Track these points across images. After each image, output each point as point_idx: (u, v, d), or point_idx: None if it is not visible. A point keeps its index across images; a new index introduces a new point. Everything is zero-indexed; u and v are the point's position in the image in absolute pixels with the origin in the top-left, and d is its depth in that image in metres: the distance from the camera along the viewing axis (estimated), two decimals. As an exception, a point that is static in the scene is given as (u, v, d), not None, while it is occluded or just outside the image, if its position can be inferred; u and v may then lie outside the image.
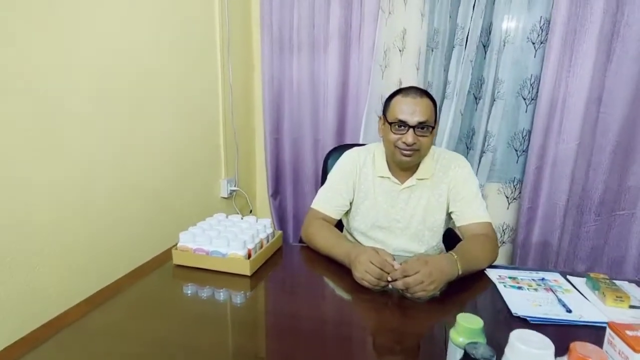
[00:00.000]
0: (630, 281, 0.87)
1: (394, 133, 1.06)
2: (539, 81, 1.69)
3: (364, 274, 0.85)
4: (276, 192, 2.23)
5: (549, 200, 1.75)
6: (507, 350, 0.46)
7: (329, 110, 1.99)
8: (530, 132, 1.75)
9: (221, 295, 0.87)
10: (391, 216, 1.16)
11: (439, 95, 1.80)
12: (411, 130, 1.03)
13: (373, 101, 1.89)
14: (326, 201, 1.19)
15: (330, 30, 1.89)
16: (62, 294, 1.07)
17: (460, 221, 1.10)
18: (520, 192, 1.84)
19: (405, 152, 1.06)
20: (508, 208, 1.91)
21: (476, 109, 1.80)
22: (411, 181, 1.14)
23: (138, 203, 1.36)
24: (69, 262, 1.10)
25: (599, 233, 1.79)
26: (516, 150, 1.82)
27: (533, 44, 1.70)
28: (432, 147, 1.15)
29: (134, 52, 1.30)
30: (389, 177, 1.16)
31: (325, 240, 1.06)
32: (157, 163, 1.45)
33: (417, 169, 1.14)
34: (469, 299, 0.85)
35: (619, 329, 0.46)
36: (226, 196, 1.94)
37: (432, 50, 1.77)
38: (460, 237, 1.11)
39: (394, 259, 0.86)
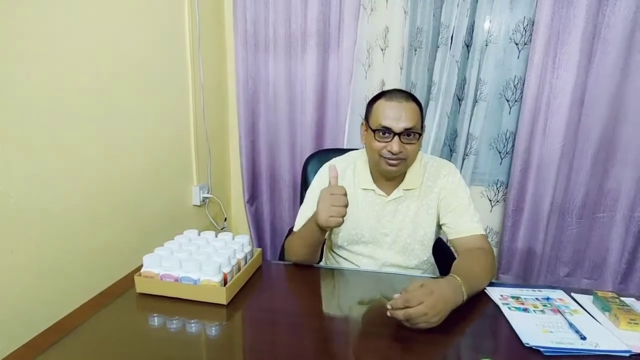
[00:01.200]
0: (638, 297, 0.82)
1: (378, 141, 0.97)
2: (523, 82, 1.65)
3: (330, 208, 0.86)
4: (252, 198, 2.11)
5: (534, 202, 1.72)
6: None
7: (307, 113, 1.89)
8: (514, 133, 1.72)
9: (193, 329, 0.75)
10: (378, 230, 1.07)
11: (424, 96, 1.74)
12: (397, 137, 0.94)
13: (356, 103, 1.81)
14: (305, 220, 1.06)
15: (308, 27, 1.79)
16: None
17: (453, 234, 1.02)
18: (504, 195, 1.81)
19: (390, 161, 0.97)
20: (491, 211, 1.87)
21: (459, 111, 1.75)
22: (398, 192, 1.05)
23: (99, 214, 1.20)
24: (9, 291, 0.94)
25: (581, 236, 1.78)
26: (499, 152, 1.79)
27: (516, 44, 1.66)
28: (419, 153, 1.07)
29: (96, 51, 1.15)
30: (373, 190, 1.06)
31: (298, 233, 1.03)
32: (122, 169, 1.30)
33: (403, 178, 1.06)
34: (473, 326, 0.77)
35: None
36: (199, 204, 1.81)
37: (416, 50, 1.70)
38: (453, 249, 1.03)
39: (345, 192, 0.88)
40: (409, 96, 0.98)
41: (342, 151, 1.50)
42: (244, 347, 0.73)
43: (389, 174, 1.02)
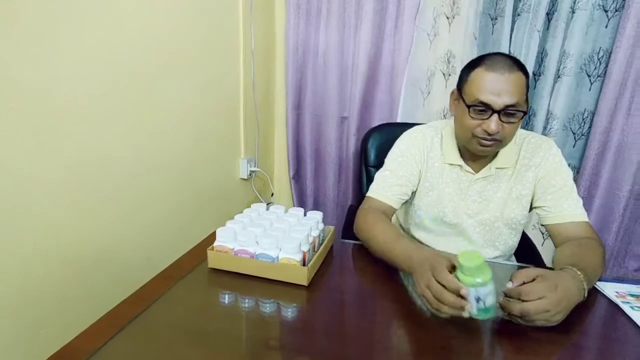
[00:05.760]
0: None
1: (473, 118, 0.84)
2: (609, 55, 1.48)
3: (424, 290, 0.63)
4: (297, 173, 2.04)
5: (609, 189, 1.58)
6: None
7: (357, 84, 1.77)
8: (592, 113, 1.56)
9: (269, 309, 0.70)
10: (461, 210, 0.98)
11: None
12: (495, 115, 0.81)
13: (419, 75, 1.68)
14: (386, 188, 0.98)
15: (366, -9, 1.66)
16: (58, 319, 0.87)
17: (552, 219, 0.91)
18: (574, 180, 1.66)
19: (483, 141, 0.85)
20: (556, 197, 1.73)
21: (535, 87, 1.59)
22: (487, 170, 0.95)
23: (150, 184, 1.16)
24: (73, 267, 0.91)
25: (658, 227, 1.63)
26: (574, 134, 1.63)
27: (605, 11, 1.47)
28: None
29: (146, 18, 1.07)
30: (460, 165, 0.96)
31: (382, 237, 0.83)
32: (170, 140, 1.24)
33: (495, 155, 0.95)
34: (593, 326, 0.68)
35: None
36: (245, 177, 1.75)
37: (494, 19, 1.54)
38: (552, 239, 0.92)
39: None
40: (515, 64, 0.82)
41: (407, 125, 1.39)
42: (327, 331, 0.66)
43: (479, 154, 0.91)
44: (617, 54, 1.44)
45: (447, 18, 1.63)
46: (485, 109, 0.82)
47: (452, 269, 0.63)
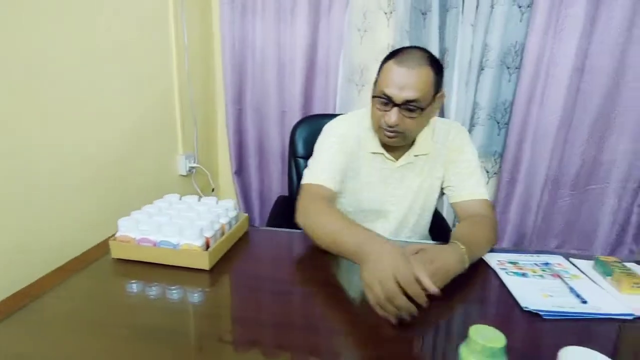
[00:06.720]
0: (638, 262, 0.79)
1: (378, 109, 0.87)
2: (523, 48, 1.59)
3: (377, 292, 0.59)
4: (240, 168, 2.04)
5: (528, 174, 1.70)
6: None
7: (296, 79, 1.80)
8: (512, 103, 1.66)
9: (174, 295, 0.70)
10: (384, 198, 1.00)
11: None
12: (396, 109, 0.83)
13: (353, 69, 1.73)
14: (325, 171, 0.93)
15: (298, -13, 1.68)
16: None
17: (456, 197, 0.96)
18: (500, 167, 1.77)
19: (386, 132, 0.88)
20: (488, 182, 1.84)
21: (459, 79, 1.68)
22: (407, 158, 0.97)
23: (80, 181, 1.13)
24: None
25: (573, 208, 1.76)
26: (498, 123, 1.73)
27: (519, 7, 1.58)
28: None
29: (72, 13, 1.05)
30: (382, 154, 0.97)
31: (330, 225, 0.76)
32: (103, 137, 1.21)
33: (413, 143, 0.97)
34: (469, 291, 0.73)
35: None
36: (185, 174, 1.74)
37: (424, 14, 1.61)
38: (456, 215, 0.97)
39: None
40: (426, 59, 0.83)
41: (333, 116, 1.43)
42: (228, 313, 0.68)
43: (388, 144, 0.94)
44: (529, 47, 1.55)
45: (385, 14, 1.70)
46: (387, 101, 0.84)
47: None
